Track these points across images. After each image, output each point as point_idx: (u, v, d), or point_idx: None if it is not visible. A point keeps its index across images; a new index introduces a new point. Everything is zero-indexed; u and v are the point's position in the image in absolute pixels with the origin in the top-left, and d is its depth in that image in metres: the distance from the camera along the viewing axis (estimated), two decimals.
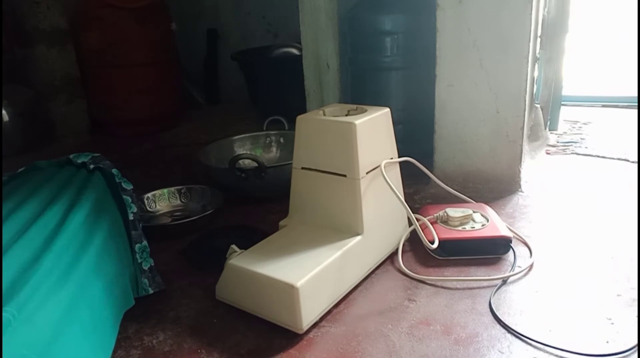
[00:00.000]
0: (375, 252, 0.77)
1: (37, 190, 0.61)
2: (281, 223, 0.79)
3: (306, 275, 0.62)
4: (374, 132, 0.74)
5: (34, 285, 0.48)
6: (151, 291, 0.69)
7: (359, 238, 0.72)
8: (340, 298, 0.69)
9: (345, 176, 0.72)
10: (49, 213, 0.57)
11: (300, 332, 0.62)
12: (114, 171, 0.69)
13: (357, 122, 0.70)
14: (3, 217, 0.55)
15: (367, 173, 0.72)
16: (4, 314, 0.44)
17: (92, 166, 0.67)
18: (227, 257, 0.70)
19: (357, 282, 0.73)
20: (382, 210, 0.77)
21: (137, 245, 0.68)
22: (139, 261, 0.68)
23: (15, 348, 0.42)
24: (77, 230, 0.57)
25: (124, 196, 0.68)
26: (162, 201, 1.04)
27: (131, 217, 0.68)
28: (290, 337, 0.62)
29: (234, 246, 0.71)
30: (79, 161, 0.68)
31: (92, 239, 0.58)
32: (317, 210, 0.76)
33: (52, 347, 0.46)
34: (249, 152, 1.22)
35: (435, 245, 0.76)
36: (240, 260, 0.67)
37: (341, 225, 0.73)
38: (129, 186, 0.69)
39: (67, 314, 0.49)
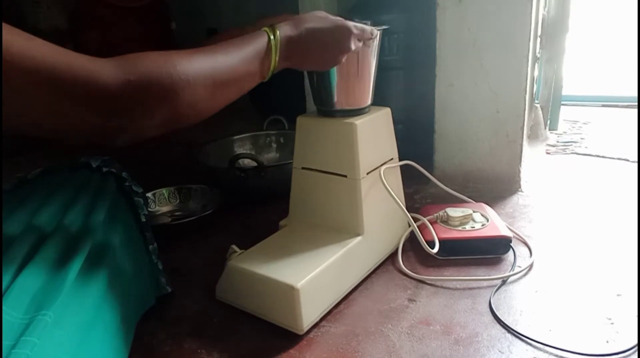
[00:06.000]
0: (376, 252, 0.77)
1: (55, 193, 0.61)
2: (281, 223, 0.79)
3: (306, 275, 0.62)
4: (374, 132, 0.74)
5: (65, 288, 0.48)
6: (170, 290, 0.70)
7: (359, 238, 0.71)
8: (340, 298, 0.69)
9: (345, 176, 0.72)
10: (70, 217, 0.58)
11: (301, 333, 0.62)
12: (124, 174, 0.69)
13: (357, 122, 0.70)
14: (23, 220, 0.56)
15: (367, 174, 0.72)
16: (43, 317, 0.44)
17: (105, 170, 0.68)
18: (227, 257, 0.70)
19: (357, 282, 0.73)
20: (383, 210, 0.77)
21: (151, 246, 0.68)
22: (155, 261, 0.68)
23: (51, 352, 0.43)
24: (98, 234, 0.58)
25: (136, 199, 0.68)
26: (162, 201, 1.04)
27: (143, 219, 0.68)
28: (291, 337, 0.62)
29: (234, 247, 0.70)
30: (94, 164, 0.68)
31: (110, 242, 0.59)
32: (317, 210, 0.76)
33: (80, 350, 0.46)
34: (248, 152, 1.22)
35: (436, 249, 0.75)
36: (240, 261, 0.67)
37: (341, 225, 0.73)
38: (139, 189, 0.69)
39: (92, 317, 0.50)
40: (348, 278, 0.70)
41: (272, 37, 0.57)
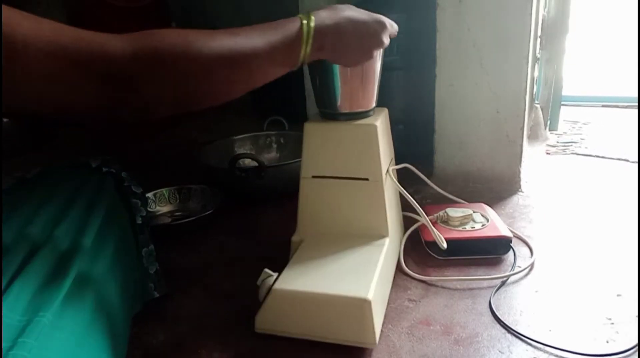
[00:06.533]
0: (396, 252, 0.77)
1: (53, 194, 0.61)
2: (294, 238, 0.74)
3: (370, 285, 0.58)
4: (384, 133, 0.73)
5: (64, 290, 0.48)
6: (157, 295, 0.69)
7: (387, 240, 0.70)
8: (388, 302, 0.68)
9: (367, 179, 0.69)
10: (69, 218, 0.57)
11: (373, 347, 0.59)
12: (124, 174, 0.68)
13: (376, 123, 0.68)
14: (18, 226, 0.55)
15: (385, 173, 0.71)
16: (41, 318, 0.44)
17: (104, 169, 0.67)
18: (259, 284, 0.63)
19: (391, 285, 0.71)
20: (393, 211, 0.76)
21: (144, 249, 0.68)
22: (145, 265, 0.68)
23: (49, 354, 0.42)
24: (95, 236, 0.58)
25: (133, 200, 0.67)
26: (162, 201, 1.04)
27: (139, 221, 0.67)
28: (288, 337, 0.62)
29: (267, 270, 0.64)
30: (93, 164, 0.67)
31: (107, 244, 0.58)
32: (334, 218, 0.73)
33: (77, 354, 0.46)
34: (249, 152, 1.22)
35: (445, 245, 0.75)
36: (289, 283, 0.61)
37: (365, 230, 0.71)
38: (138, 190, 0.68)
39: (89, 321, 0.49)
40: (389, 282, 0.70)
41: (304, 22, 0.53)
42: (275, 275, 0.63)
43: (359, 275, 0.61)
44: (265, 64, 0.52)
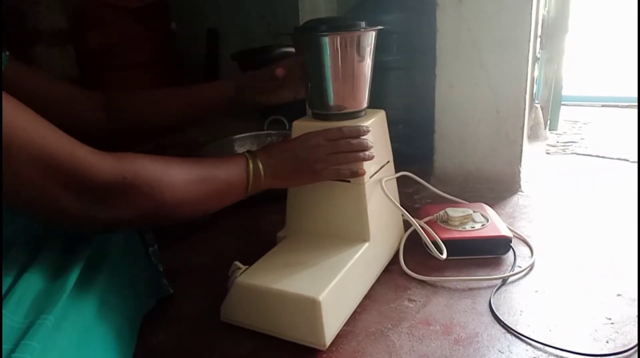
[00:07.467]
0: (381, 257, 0.76)
1: None
2: (279, 234, 0.76)
3: (326, 287, 0.59)
4: (373, 135, 0.73)
5: (66, 292, 0.48)
6: (172, 292, 0.70)
7: (366, 244, 0.69)
8: (355, 307, 0.67)
9: (349, 181, 0.70)
10: None
11: (324, 349, 0.59)
12: None
13: (365, 124, 0.68)
14: (21, 225, 0.56)
15: (370, 178, 0.71)
16: (44, 321, 0.44)
17: None
18: (230, 275, 0.66)
19: (368, 289, 0.71)
20: (384, 214, 0.76)
21: (151, 249, 0.68)
22: (155, 263, 0.68)
23: (52, 356, 0.43)
24: (96, 238, 0.58)
25: None
26: None
27: None
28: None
29: (237, 263, 0.66)
30: None
31: (111, 243, 0.59)
32: (319, 219, 0.73)
33: (80, 354, 0.46)
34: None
35: (445, 255, 0.74)
36: (250, 277, 0.63)
37: (347, 233, 0.71)
38: None
39: (92, 321, 0.50)
40: (361, 286, 0.69)
41: (251, 165, 0.63)
42: (244, 268, 0.65)
43: (321, 276, 0.62)
44: (225, 190, 0.62)
